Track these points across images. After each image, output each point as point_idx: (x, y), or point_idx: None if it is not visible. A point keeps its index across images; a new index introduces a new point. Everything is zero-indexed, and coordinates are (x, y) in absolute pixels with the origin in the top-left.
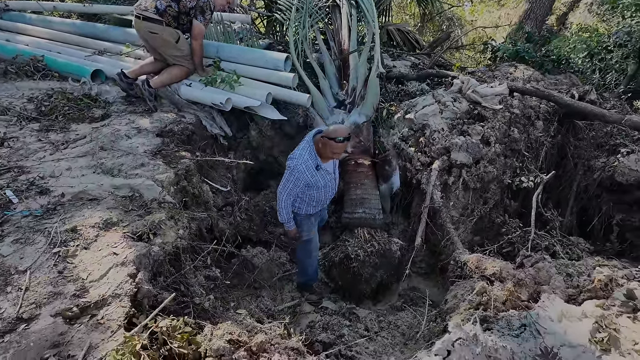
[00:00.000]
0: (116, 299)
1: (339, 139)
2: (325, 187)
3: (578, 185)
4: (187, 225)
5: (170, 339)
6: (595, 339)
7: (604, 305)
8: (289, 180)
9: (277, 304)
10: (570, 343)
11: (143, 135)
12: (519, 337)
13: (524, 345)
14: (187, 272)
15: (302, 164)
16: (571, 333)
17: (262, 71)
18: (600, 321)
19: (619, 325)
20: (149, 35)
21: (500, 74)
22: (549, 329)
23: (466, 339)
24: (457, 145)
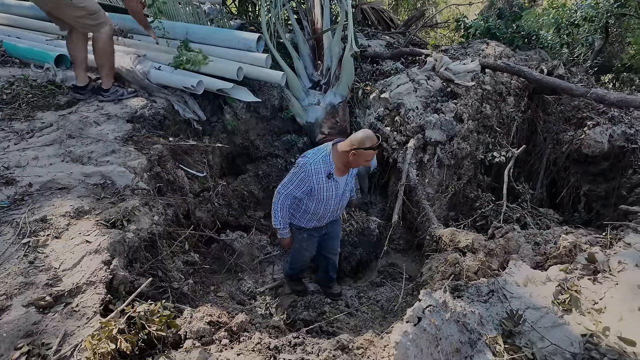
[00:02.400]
0: (91, 287)
1: (373, 147)
2: (327, 202)
3: (548, 159)
4: (162, 211)
5: (149, 323)
6: (557, 300)
7: (567, 269)
8: (292, 179)
9: (258, 286)
10: (534, 305)
11: (113, 121)
12: (487, 303)
13: (491, 310)
14: (164, 258)
15: (313, 164)
16: (536, 296)
17: (233, 52)
18: (562, 284)
19: (580, 287)
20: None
21: (473, 51)
22: (515, 294)
23: (436, 305)
24: (431, 123)
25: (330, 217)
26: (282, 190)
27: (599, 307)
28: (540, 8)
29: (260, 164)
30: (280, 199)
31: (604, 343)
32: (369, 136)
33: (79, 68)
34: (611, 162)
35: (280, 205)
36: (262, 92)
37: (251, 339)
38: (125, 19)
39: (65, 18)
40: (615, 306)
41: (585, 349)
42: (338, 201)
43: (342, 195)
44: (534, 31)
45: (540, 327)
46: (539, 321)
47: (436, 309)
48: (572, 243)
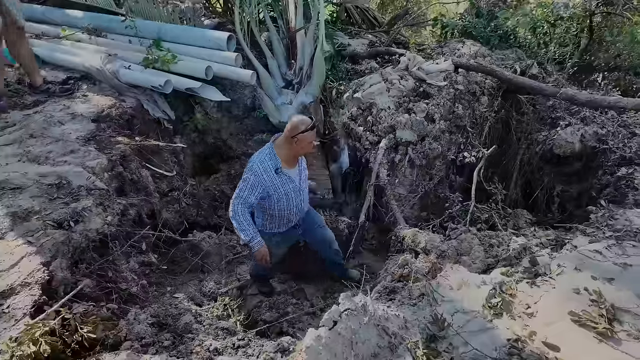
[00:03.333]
0: (25, 288)
1: (308, 128)
2: (288, 198)
3: (522, 159)
4: (118, 211)
5: (82, 325)
6: (489, 304)
7: (508, 272)
8: (242, 188)
9: (222, 287)
10: (464, 309)
11: (78, 121)
12: (415, 306)
13: (419, 313)
14: (116, 259)
15: (258, 163)
16: (468, 300)
17: (204, 51)
18: (497, 287)
19: (515, 291)
20: None
21: (449, 50)
22: (447, 297)
23: (355, 309)
24: (401, 123)
25: (298, 214)
26: (236, 202)
27: (530, 312)
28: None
29: (233, 164)
30: (237, 210)
31: (528, 348)
32: (301, 120)
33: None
34: (583, 162)
35: (241, 215)
36: (234, 91)
37: (193, 340)
38: (100, 18)
39: None
40: (547, 310)
41: (508, 354)
42: (299, 194)
43: (300, 189)
44: (511, 30)
45: (466, 331)
46: (465, 325)
47: (354, 312)
48: (522, 245)
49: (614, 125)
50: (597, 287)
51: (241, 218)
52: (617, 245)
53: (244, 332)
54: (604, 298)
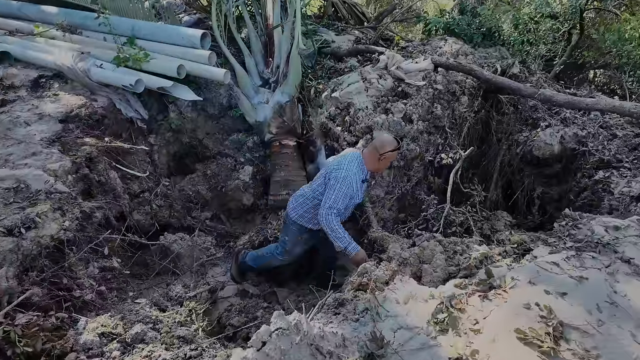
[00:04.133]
0: None
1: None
2: (354, 204)
3: (502, 160)
4: (79, 215)
5: (21, 337)
6: (434, 320)
7: (461, 285)
8: (337, 196)
9: (190, 291)
10: (407, 325)
11: (44, 121)
12: (358, 322)
13: (360, 330)
14: (73, 265)
15: (353, 175)
16: (413, 315)
17: (178, 49)
18: (445, 301)
19: (465, 305)
20: None
21: (431, 48)
22: (392, 312)
23: (287, 328)
24: (378, 124)
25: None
26: (330, 212)
27: (478, 328)
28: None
29: (209, 164)
30: (332, 220)
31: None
32: (390, 140)
33: None
34: (563, 164)
35: (337, 224)
36: (209, 89)
37: (143, 350)
38: (75, 15)
39: None
40: (494, 327)
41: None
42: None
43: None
44: (495, 27)
45: (407, 349)
46: (407, 343)
47: (286, 331)
48: (483, 254)
49: (595, 126)
50: (548, 302)
51: (337, 227)
52: (576, 257)
53: (206, 339)
54: (554, 314)
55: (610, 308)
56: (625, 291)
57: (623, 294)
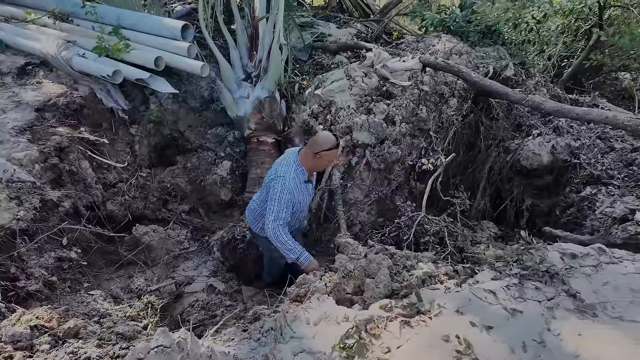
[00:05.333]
0: None
1: (332, 147)
2: (303, 207)
3: (491, 168)
4: (36, 205)
5: None
6: (341, 345)
7: (386, 307)
8: (281, 207)
9: (154, 284)
10: (311, 349)
11: (21, 109)
12: (258, 342)
13: (257, 351)
14: (23, 255)
15: (292, 180)
16: (320, 338)
17: (160, 40)
18: (360, 325)
19: (383, 330)
20: None
21: (424, 45)
22: (298, 333)
23: (169, 345)
24: (358, 125)
25: (302, 222)
26: (276, 224)
27: (386, 357)
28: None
29: (190, 157)
30: (279, 232)
31: None
32: (325, 137)
33: None
34: (554, 176)
35: (285, 236)
36: (190, 82)
37: (72, 345)
38: (66, 3)
39: None
40: (405, 358)
41: None
42: (308, 203)
43: (311, 197)
44: (494, 26)
45: None
46: None
47: (167, 349)
48: (427, 273)
49: (592, 137)
50: (471, 335)
51: (285, 238)
52: (518, 286)
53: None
54: (471, 350)
55: (537, 348)
56: (560, 329)
57: (556, 332)
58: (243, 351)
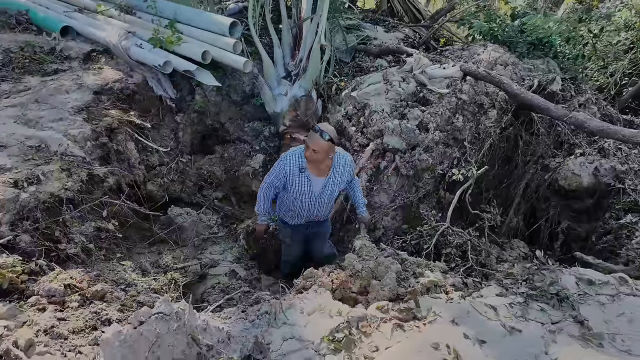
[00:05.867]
0: None
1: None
2: (302, 198)
3: (527, 184)
4: (83, 178)
5: None
6: (331, 337)
7: (383, 309)
8: (272, 170)
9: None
10: (300, 337)
11: (82, 91)
12: (252, 323)
13: (250, 331)
14: (67, 221)
15: (289, 158)
16: (312, 328)
17: (210, 35)
18: (352, 321)
19: (374, 330)
20: None
21: (468, 54)
22: (291, 320)
23: (169, 314)
24: (389, 129)
25: (307, 217)
26: (266, 179)
27: (373, 356)
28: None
29: (227, 147)
30: (263, 187)
31: None
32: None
33: None
34: (596, 200)
35: (263, 193)
36: (234, 77)
37: (96, 306)
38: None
39: None
40: (390, 359)
41: None
42: (314, 201)
43: (318, 197)
44: (546, 38)
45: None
46: (291, 354)
47: (166, 317)
48: (432, 282)
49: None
50: (462, 347)
51: (261, 194)
52: (522, 305)
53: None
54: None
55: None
56: (559, 354)
57: (554, 357)
58: (236, 329)
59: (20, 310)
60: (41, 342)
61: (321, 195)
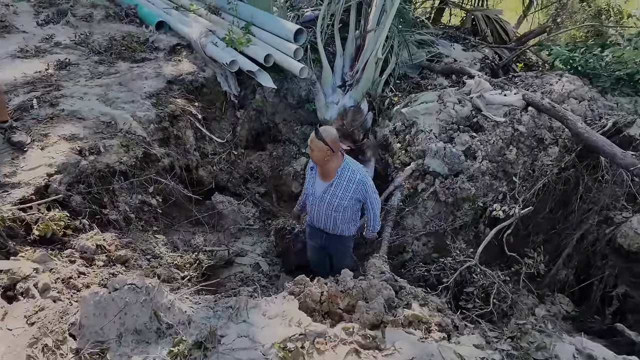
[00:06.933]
0: (25, 185)
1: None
2: (309, 195)
3: (584, 236)
4: (138, 155)
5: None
6: (281, 345)
7: (348, 330)
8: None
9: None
10: (253, 337)
11: (158, 79)
12: (214, 313)
13: (211, 320)
14: (117, 190)
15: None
16: (268, 332)
17: (276, 39)
18: (308, 335)
19: (330, 349)
20: None
21: (540, 82)
22: (251, 320)
23: (140, 287)
24: (432, 151)
25: (317, 220)
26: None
27: None
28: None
29: (277, 146)
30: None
31: None
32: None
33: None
34: None
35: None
36: (292, 81)
37: (116, 269)
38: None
39: None
40: None
41: None
42: (316, 203)
43: (319, 200)
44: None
45: (232, 355)
46: (239, 351)
47: (137, 289)
48: (415, 316)
49: None
50: None
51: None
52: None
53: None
54: None
55: None
56: None
57: None
58: (198, 315)
59: (51, 257)
60: (56, 288)
61: (321, 199)
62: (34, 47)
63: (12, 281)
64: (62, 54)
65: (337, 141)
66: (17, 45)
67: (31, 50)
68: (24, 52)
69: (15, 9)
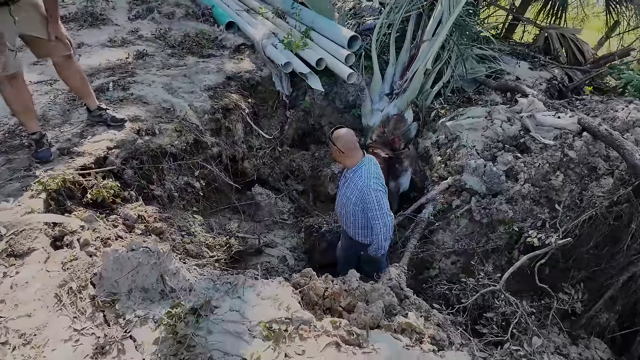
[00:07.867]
0: (88, 155)
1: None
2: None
3: (631, 279)
4: (189, 141)
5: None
6: (267, 324)
7: (335, 324)
8: None
9: (242, 232)
10: (243, 313)
11: (219, 74)
12: (215, 285)
13: (209, 291)
14: (165, 170)
15: None
16: (258, 311)
17: (332, 45)
18: (294, 320)
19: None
20: None
21: (604, 108)
22: (245, 297)
23: (153, 251)
24: (470, 167)
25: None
26: None
27: (292, 357)
28: None
29: (320, 148)
30: None
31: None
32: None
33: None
34: None
35: None
36: (341, 85)
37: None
38: (287, 2)
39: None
40: None
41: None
42: (339, 200)
43: (341, 196)
44: None
45: (221, 326)
46: (227, 323)
47: (150, 252)
48: (408, 324)
49: None
50: None
51: None
52: None
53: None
54: None
55: None
56: None
57: None
58: (200, 285)
59: (97, 219)
60: (94, 245)
61: (338, 195)
62: (121, 38)
63: (62, 233)
64: (142, 46)
65: (347, 144)
66: (108, 35)
67: (118, 40)
68: (112, 42)
69: (114, 4)
